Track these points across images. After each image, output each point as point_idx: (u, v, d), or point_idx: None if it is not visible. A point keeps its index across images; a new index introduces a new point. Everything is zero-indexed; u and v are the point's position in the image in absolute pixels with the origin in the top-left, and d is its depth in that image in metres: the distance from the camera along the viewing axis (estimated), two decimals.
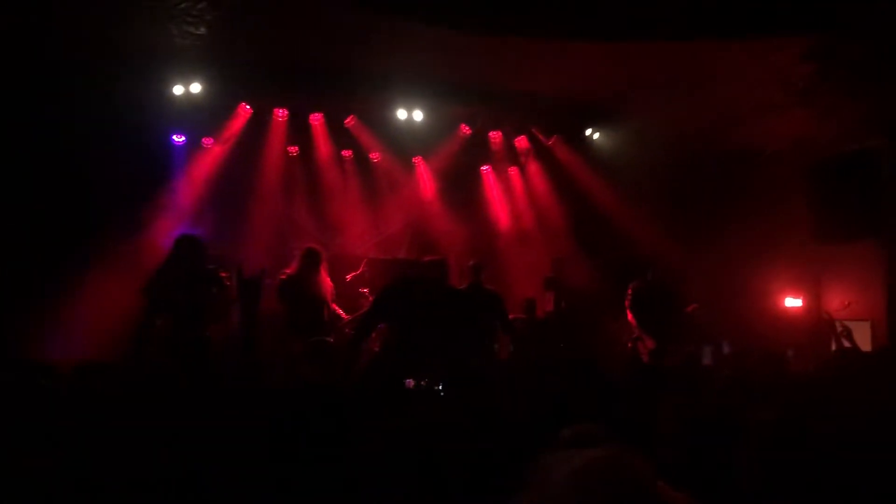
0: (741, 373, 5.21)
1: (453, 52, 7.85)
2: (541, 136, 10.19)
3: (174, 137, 9.02)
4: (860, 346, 6.48)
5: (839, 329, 6.49)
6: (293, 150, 9.68)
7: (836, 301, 10.04)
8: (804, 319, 10.29)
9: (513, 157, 10.50)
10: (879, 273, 9.22)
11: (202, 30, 7.40)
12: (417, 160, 10.37)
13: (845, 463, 2.62)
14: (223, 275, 6.88)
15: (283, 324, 7.10)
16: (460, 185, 10.49)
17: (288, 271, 7.37)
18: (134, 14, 7.02)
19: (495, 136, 10.22)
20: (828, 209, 9.80)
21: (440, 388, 3.95)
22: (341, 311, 7.81)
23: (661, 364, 7.71)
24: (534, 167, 10.46)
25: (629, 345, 8.27)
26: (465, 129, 9.86)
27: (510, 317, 7.90)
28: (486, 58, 8.01)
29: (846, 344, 6.39)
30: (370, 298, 8.40)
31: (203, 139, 9.14)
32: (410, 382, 4.03)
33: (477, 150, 10.31)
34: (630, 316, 8.12)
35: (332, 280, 7.72)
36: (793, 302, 10.39)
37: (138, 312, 6.96)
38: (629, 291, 8.29)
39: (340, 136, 9.67)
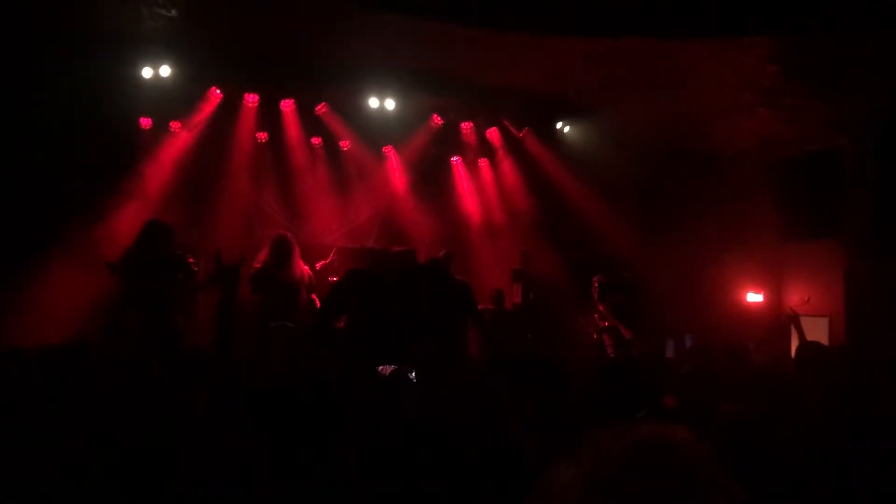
0: (704, 366, 5.32)
1: (427, 42, 7.84)
2: (512, 129, 10.22)
3: (141, 121, 8.85)
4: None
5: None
6: (262, 136, 9.58)
7: (796, 297, 10.28)
8: (765, 314, 10.52)
9: (484, 148, 10.52)
10: (838, 271, 9.46)
11: (173, 12, 7.28)
12: (388, 149, 10.34)
13: (813, 454, 2.71)
14: (190, 260, 6.82)
15: (257, 313, 7.03)
16: (431, 176, 10.50)
17: (260, 259, 7.30)
18: None
19: (467, 126, 10.22)
20: (791, 207, 10.03)
21: (412, 375, 3.97)
22: (317, 300, 7.78)
23: (628, 356, 7.81)
24: (504, 159, 10.48)
25: (594, 336, 8.36)
26: (437, 120, 9.85)
27: (479, 307, 7.94)
28: (459, 48, 8.01)
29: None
30: None
31: (171, 123, 8.99)
32: (385, 370, 4.04)
33: (448, 141, 10.32)
34: (601, 307, 8.21)
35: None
36: (754, 297, 10.61)
37: (106, 298, 6.89)
38: (595, 284, 8.38)
39: (311, 124, 9.59)
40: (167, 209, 8.17)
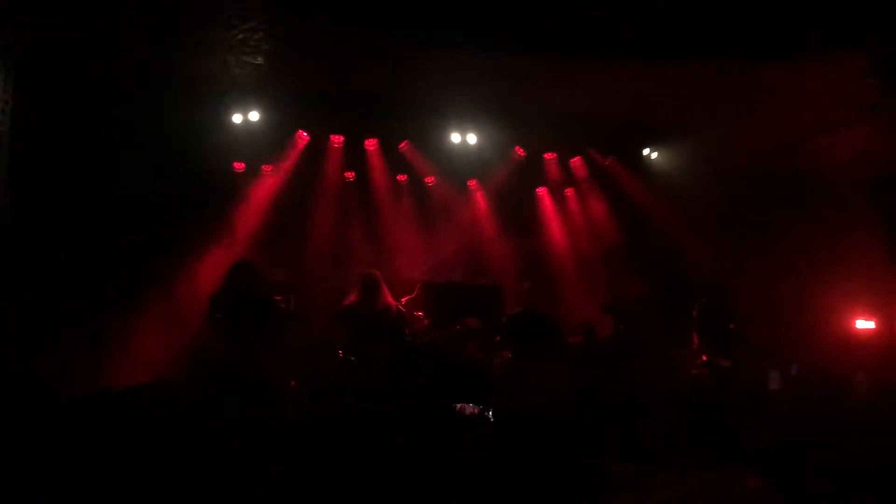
0: (804, 401, 5.04)
1: (506, 75, 7.85)
2: (597, 157, 10.07)
3: (234, 165, 9.20)
4: None
5: None
6: (349, 175, 9.80)
7: None
8: (877, 342, 9.89)
9: (569, 178, 10.40)
10: None
11: (259, 59, 7.57)
12: (472, 183, 10.36)
13: None
14: (277, 299, 6.97)
15: (344, 348, 7.13)
16: (516, 208, 10.45)
17: (350, 298, 7.42)
18: (195, 45, 7.21)
19: (550, 157, 10.14)
20: None
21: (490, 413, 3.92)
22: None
23: (728, 388, 7.46)
24: (590, 188, 10.33)
25: (693, 371, 8.02)
26: (520, 151, 9.82)
27: (569, 340, 7.79)
28: (539, 80, 7.99)
29: None
30: (425, 322, 8.41)
31: (262, 166, 9.29)
32: (464, 408, 3.99)
33: (532, 173, 10.27)
34: (697, 338, 7.90)
35: None
36: (865, 324, 10.00)
37: (196, 339, 7.14)
38: (693, 314, 8.07)
39: (396, 161, 9.74)
40: (257, 249, 8.43)
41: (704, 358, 7.94)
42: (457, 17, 6.63)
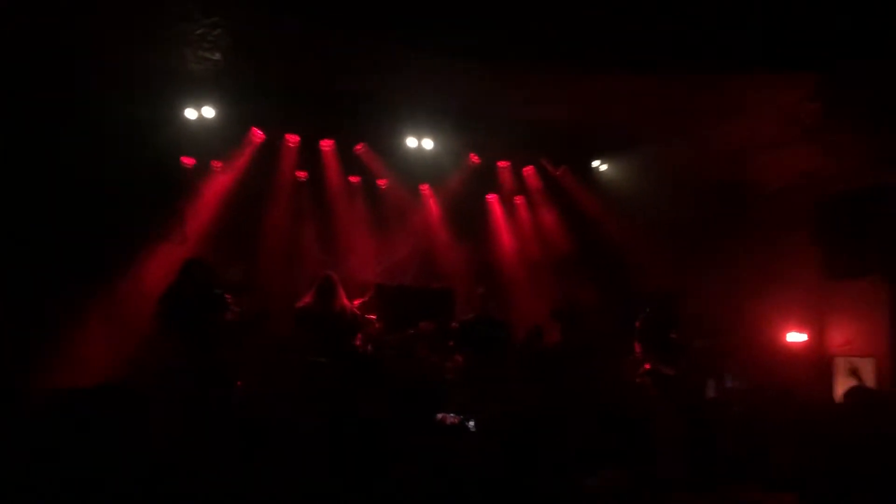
0: (755, 409, 5.22)
1: (462, 82, 7.91)
2: (549, 167, 10.23)
3: (183, 160, 9.00)
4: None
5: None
6: (302, 174, 9.71)
7: (840, 337, 10.04)
8: (807, 354, 10.28)
9: (520, 186, 10.54)
10: (884, 310, 9.21)
11: (217, 55, 7.45)
12: (424, 188, 10.40)
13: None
14: (227, 298, 6.86)
15: (301, 350, 7.07)
16: (468, 214, 10.52)
17: (306, 299, 7.36)
18: (153, 38, 7.06)
19: (504, 165, 10.26)
20: (835, 245, 9.83)
21: (471, 424, 3.94)
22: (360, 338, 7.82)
23: (668, 399, 7.67)
24: (541, 197, 10.49)
25: (637, 380, 8.22)
26: (475, 159, 9.90)
27: (517, 345, 7.89)
28: (496, 87, 8.07)
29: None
30: (377, 325, 8.40)
31: (212, 162, 9.13)
32: (446, 418, 4.00)
33: (485, 180, 10.36)
34: (640, 347, 8.09)
35: None
36: (796, 337, 10.38)
37: (143, 339, 6.98)
38: (637, 325, 8.27)
39: (350, 163, 9.71)
40: (208, 248, 8.28)
41: (648, 366, 8.17)
42: (416, 21, 6.68)
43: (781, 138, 8.56)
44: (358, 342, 7.71)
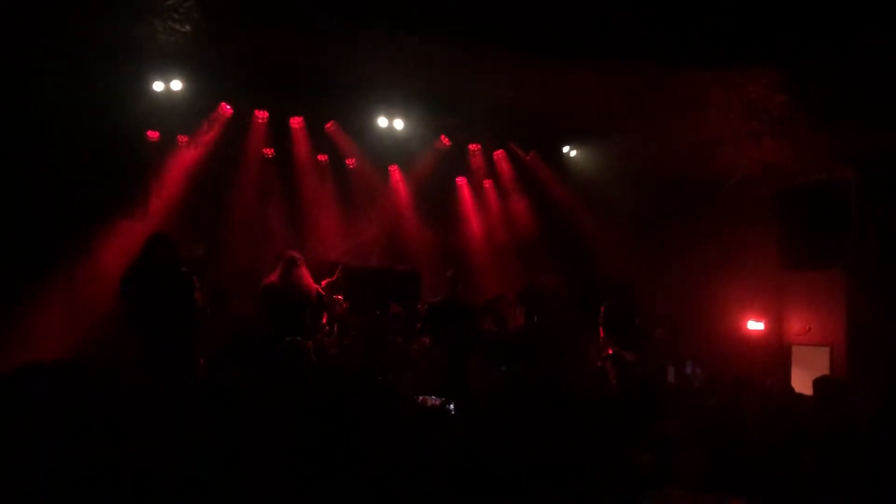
0: (732, 399, 5.30)
1: (436, 64, 7.86)
2: (519, 151, 10.25)
3: (148, 134, 8.82)
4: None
5: None
6: (268, 151, 9.59)
7: (797, 326, 10.29)
8: (765, 343, 10.51)
9: (490, 170, 10.54)
10: (840, 301, 9.46)
11: (187, 27, 7.29)
12: (393, 168, 10.35)
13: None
14: (195, 279, 6.75)
15: (265, 330, 7.00)
16: (436, 196, 10.52)
17: (270, 278, 7.28)
18: (120, 8, 6.89)
19: (474, 148, 10.25)
20: (794, 237, 10.06)
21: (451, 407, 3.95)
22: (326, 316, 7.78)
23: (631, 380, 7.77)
24: (510, 181, 10.51)
25: (598, 363, 8.31)
26: (445, 141, 9.87)
27: (483, 328, 7.92)
28: (468, 71, 8.04)
29: None
30: (344, 305, 8.37)
31: (178, 137, 8.97)
32: (426, 400, 4.00)
33: (455, 162, 10.34)
34: (604, 332, 8.18)
35: None
36: (755, 325, 10.61)
37: (106, 315, 6.85)
38: (601, 309, 8.35)
39: (319, 141, 9.61)
40: (172, 224, 8.14)
41: (610, 351, 8.27)
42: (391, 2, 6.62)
43: (746, 132, 8.68)
44: (324, 321, 7.68)
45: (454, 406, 3.93)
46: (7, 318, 6.89)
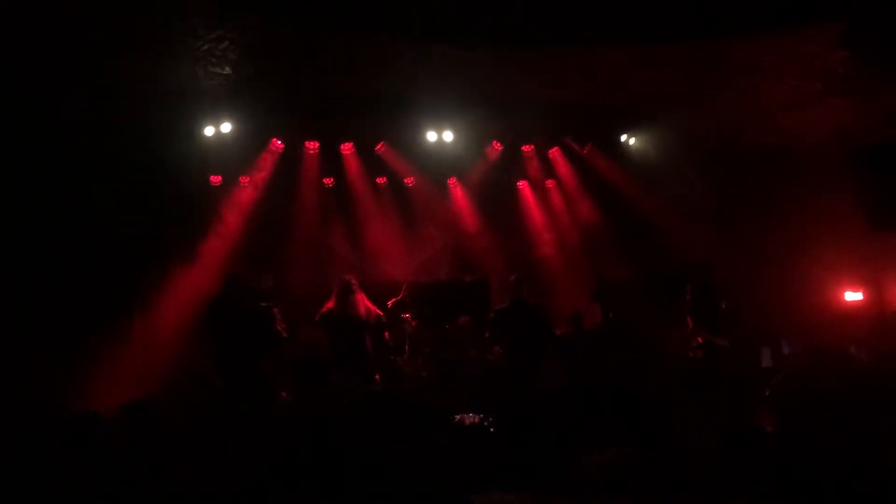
0: (799, 373, 4.95)
1: (478, 65, 7.77)
2: (574, 146, 10.03)
3: (211, 179, 9.07)
4: None
5: None
6: (328, 181, 9.71)
7: None
8: (866, 312, 9.89)
9: (548, 169, 10.36)
10: None
11: (227, 69, 7.46)
12: (452, 181, 10.31)
13: None
14: (275, 311, 6.87)
15: (327, 354, 7.07)
16: (497, 202, 10.40)
17: (328, 305, 7.35)
18: (161, 57, 7.10)
19: (528, 149, 10.10)
20: (880, 196, 9.44)
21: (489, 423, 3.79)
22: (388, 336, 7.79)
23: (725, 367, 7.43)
24: (570, 177, 10.28)
25: (689, 354, 7.97)
26: (497, 146, 9.76)
27: (558, 332, 7.73)
28: (511, 68, 7.91)
29: None
30: (413, 324, 8.33)
31: (240, 178, 9.16)
32: (465, 419, 3.86)
33: (512, 166, 10.22)
34: (690, 320, 7.85)
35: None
36: (853, 296, 10.00)
37: (188, 353, 7.05)
38: (686, 296, 8.02)
39: (374, 163, 9.66)
40: (238, 261, 8.30)
41: (700, 340, 7.92)
42: (423, 10, 6.56)
43: (807, 95, 8.23)
44: (387, 340, 7.69)
45: (492, 421, 3.75)
46: (86, 359, 7.12)
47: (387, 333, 7.68)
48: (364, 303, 7.34)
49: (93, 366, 6.98)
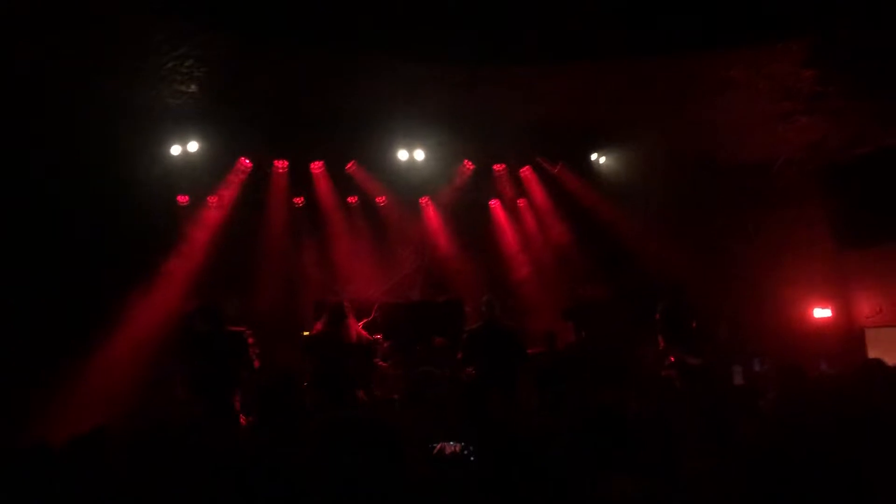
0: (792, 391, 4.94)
1: (445, 84, 7.72)
2: (546, 164, 10.01)
3: (178, 199, 8.90)
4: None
5: None
6: (298, 200, 9.58)
7: (867, 308, 9.73)
8: (835, 329, 9.97)
9: (520, 188, 10.32)
10: None
11: (193, 87, 7.34)
12: (424, 200, 10.23)
13: None
14: (250, 341, 6.69)
15: (309, 380, 6.88)
16: (470, 222, 10.32)
17: (317, 327, 7.18)
18: (127, 75, 6.97)
19: (500, 168, 10.06)
20: (849, 214, 9.53)
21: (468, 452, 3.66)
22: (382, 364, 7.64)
23: (698, 386, 7.39)
24: (542, 197, 10.25)
25: (663, 373, 7.93)
26: (469, 165, 9.71)
27: (530, 351, 7.64)
28: (479, 87, 7.86)
29: None
30: (384, 345, 8.20)
31: (208, 198, 9.00)
32: (445, 447, 3.71)
33: (483, 185, 10.15)
34: (662, 339, 7.81)
35: None
36: (822, 312, 10.08)
37: (151, 378, 6.86)
38: (657, 316, 7.99)
39: (345, 183, 9.54)
40: (205, 283, 8.13)
41: (672, 359, 7.88)
42: (389, 29, 6.51)
43: (777, 113, 8.30)
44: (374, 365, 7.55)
45: (472, 450, 3.62)
46: (46, 387, 6.89)
47: (378, 361, 7.52)
48: (355, 328, 7.18)
49: (47, 391, 6.74)
